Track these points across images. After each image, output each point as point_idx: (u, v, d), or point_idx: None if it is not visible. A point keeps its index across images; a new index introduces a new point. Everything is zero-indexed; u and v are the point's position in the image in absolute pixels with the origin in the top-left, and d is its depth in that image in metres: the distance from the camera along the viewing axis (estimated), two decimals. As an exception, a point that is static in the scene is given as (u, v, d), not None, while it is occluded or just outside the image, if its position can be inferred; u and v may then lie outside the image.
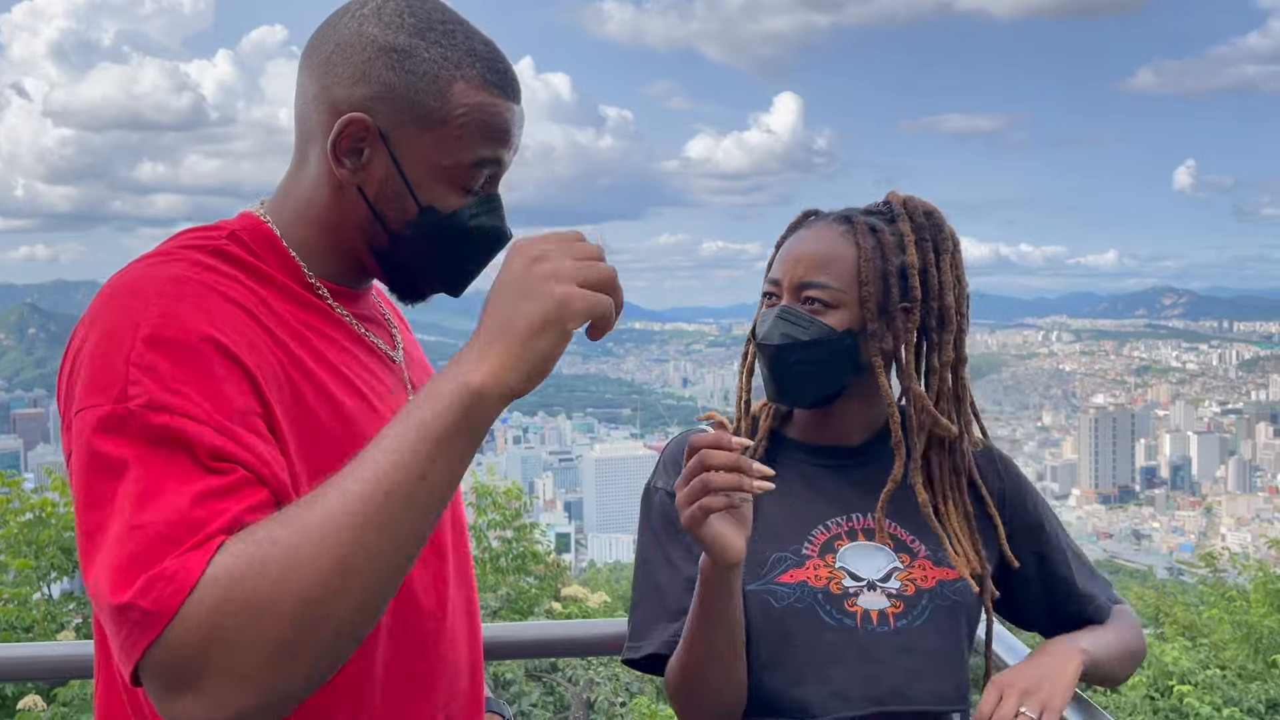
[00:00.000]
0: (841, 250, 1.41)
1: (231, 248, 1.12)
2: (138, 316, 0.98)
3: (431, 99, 1.10)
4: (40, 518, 8.74)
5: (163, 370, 0.96)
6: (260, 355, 1.04)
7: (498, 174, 1.18)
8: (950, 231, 1.45)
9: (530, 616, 8.76)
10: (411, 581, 1.17)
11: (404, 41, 1.11)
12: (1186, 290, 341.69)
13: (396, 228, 1.15)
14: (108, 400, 0.95)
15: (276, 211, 1.18)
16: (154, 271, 1.04)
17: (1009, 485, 1.54)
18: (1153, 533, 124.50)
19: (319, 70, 1.14)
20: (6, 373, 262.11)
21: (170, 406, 0.94)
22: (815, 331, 1.39)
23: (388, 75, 1.10)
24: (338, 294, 1.20)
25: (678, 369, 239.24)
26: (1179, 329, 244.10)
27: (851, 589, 1.37)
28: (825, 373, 1.42)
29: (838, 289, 1.40)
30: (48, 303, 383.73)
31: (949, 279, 1.42)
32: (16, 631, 7.74)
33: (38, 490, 9.35)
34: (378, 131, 1.11)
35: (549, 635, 2.04)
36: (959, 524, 1.43)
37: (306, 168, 1.17)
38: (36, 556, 8.42)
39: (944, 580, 1.41)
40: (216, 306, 1.03)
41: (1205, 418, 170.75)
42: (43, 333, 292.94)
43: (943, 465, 1.45)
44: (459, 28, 1.14)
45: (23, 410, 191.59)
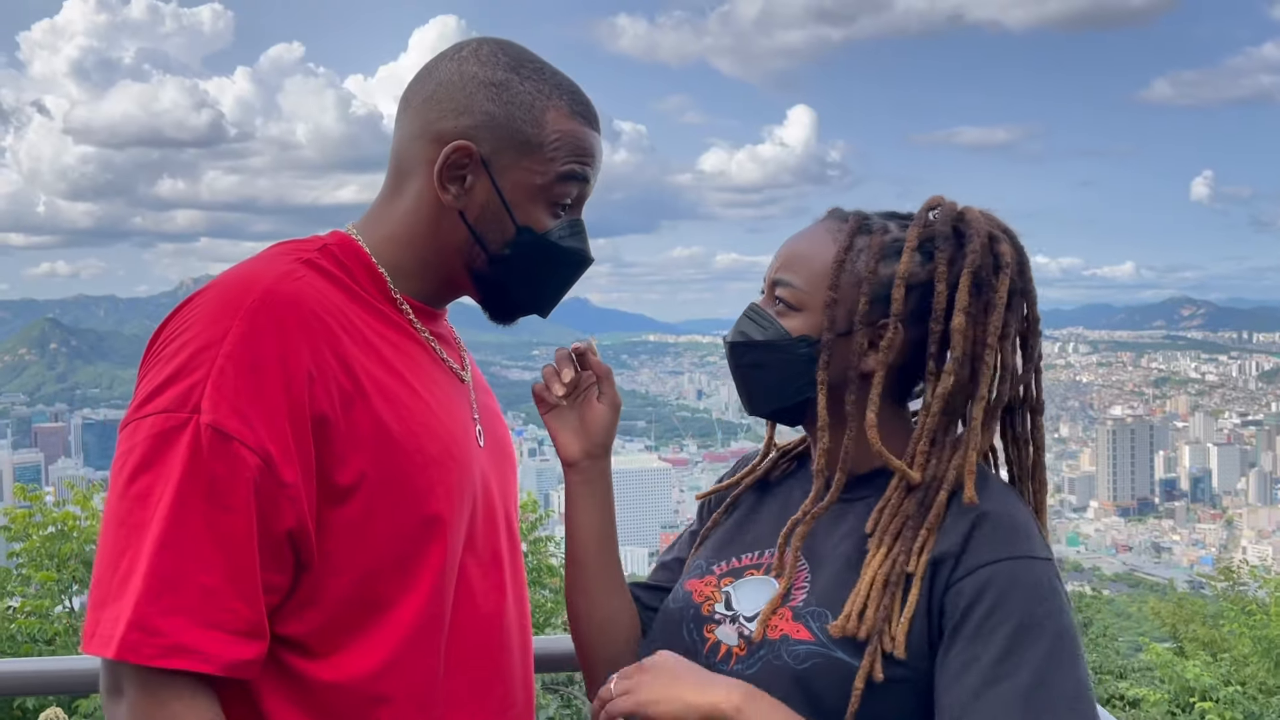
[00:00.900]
0: (820, 249, 1.26)
1: (323, 260, 1.21)
2: (226, 327, 1.07)
3: (529, 126, 1.21)
4: (62, 531, 8.84)
5: (236, 391, 1.05)
6: (331, 373, 1.11)
7: (584, 197, 1.28)
8: (1005, 254, 1.22)
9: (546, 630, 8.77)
10: (473, 587, 1.23)
11: (501, 76, 1.22)
12: (1205, 301, 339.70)
13: (495, 248, 1.24)
14: (184, 409, 1.04)
15: (367, 233, 1.26)
16: (248, 282, 1.12)
17: (968, 560, 1.14)
18: (1173, 545, 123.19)
19: (421, 108, 1.24)
20: (28, 387, 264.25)
21: (231, 432, 1.04)
22: (771, 333, 1.26)
23: (489, 106, 1.21)
24: (419, 311, 1.28)
25: (692, 381, 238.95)
26: (1198, 340, 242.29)
27: (718, 616, 1.27)
28: (780, 381, 1.27)
29: (803, 290, 1.25)
30: (69, 318, 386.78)
31: (967, 301, 1.20)
32: (38, 644, 7.81)
33: (59, 504, 9.46)
34: (480, 157, 1.21)
35: (566, 649, 1.97)
36: (875, 579, 1.16)
37: (402, 197, 1.26)
38: (58, 569, 8.51)
39: (788, 637, 1.19)
40: (299, 324, 1.11)
41: (1225, 429, 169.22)
42: (64, 348, 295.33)
43: (896, 509, 1.20)
44: (546, 66, 1.26)
45: (44, 424, 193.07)
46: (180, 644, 1.01)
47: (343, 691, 1.13)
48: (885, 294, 1.23)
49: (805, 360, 1.24)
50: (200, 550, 1.03)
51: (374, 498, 1.13)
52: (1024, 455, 1.29)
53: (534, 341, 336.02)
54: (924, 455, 1.21)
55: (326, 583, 1.13)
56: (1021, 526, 1.17)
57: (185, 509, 1.02)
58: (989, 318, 1.21)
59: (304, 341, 1.10)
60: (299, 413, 1.08)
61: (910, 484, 1.20)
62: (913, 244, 1.23)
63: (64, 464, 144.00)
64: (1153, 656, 8.47)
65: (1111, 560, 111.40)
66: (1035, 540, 1.16)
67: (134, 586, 1.01)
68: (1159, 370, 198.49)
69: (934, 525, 1.17)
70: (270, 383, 1.06)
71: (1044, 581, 1.12)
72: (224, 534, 1.03)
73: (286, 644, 1.12)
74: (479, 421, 1.33)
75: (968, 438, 1.21)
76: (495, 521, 1.30)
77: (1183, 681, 6.70)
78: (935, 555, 1.15)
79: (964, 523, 1.16)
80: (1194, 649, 9.19)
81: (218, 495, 1.03)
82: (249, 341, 1.07)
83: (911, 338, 1.23)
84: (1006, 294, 1.21)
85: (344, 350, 1.14)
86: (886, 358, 1.22)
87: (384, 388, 1.16)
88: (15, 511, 8.81)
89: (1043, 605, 1.10)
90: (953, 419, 1.24)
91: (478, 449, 1.29)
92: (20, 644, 7.79)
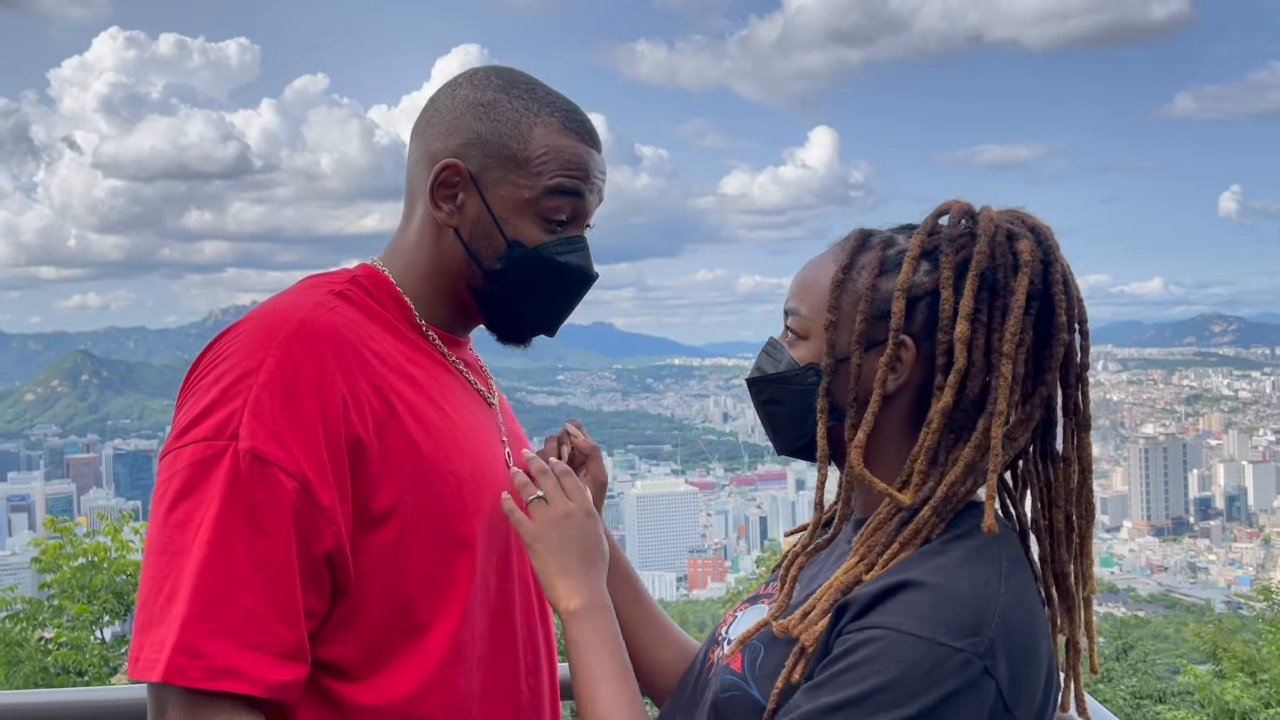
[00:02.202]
0: (823, 272, 1.18)
1: (353, 292, 1.25)
2: (262, 357, 1.11)
3: (515, 141, 1.23)
4: (93, 562, 8.92)
5: (273, 416, 1.07)
6: (364, 399, 1.14)
7: (581, 213, 1.28)
8: (1024, 251, 1.10)
9: (574, 657, 8.70)
10: (507, 609, 1.27)
11: (490, 97, 1.25)
12: (1236, 317, 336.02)
13: (489, 264, 1.25)
14: (223, 436, 1.06)
15: (390, 263, 1.31)
16: (284, 313, 1.16)
17: (870, 616, 1.02)
18: (1209, 565, 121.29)
19: (420, 134, 1.29)
20: (60, 418, 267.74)
21: (270, 457, 1.06)
22: (782, 365, 1.19)
23: (476, 125, 1.24)
24: (444, 339, 1.32)
25: (718, 404, 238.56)
26: (1230, 356, 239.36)
27: (720, 638, 1.26)
28: (795, 415, 1.19)
29: (807, 317, 1.18)
30: (100, 349, 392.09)
31: (971, 306, 1.09)
32: (71, 676, 7.87)
33: (90, 535, 9.54)
34: (469, 174, 1.24)
35: None
36: (834, 585, 1.08)
37: (413, 222, 1.30)
38: (90, 600, 8.59)
39: (728, 665, 1.15)
40: (333, 353, 1.14)
41: (1260, 446, 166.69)
42: (95, 379, 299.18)
43: (883, 524, 1.11)
44: (540, 87, 1.29)
45: (76, 455, 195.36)
46: (225, 666, 1.02)
47: (382, 714, 1.15)
48: (887, 310, 1.13)
49: (814, 390, 1.16)
50: (241, 573, 1.04)
51: (408, 520, 1.15)
52: (1067, 475, 1.15)
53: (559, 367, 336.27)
54: (921, 475, 1.10)
55: (363, 607, 1.14)
56: (946, 605, 1.00)
57: (226, 533, 1.04)
58: (1005, 323, 1.09)
59: (338, 369, 1.13)
60: (335, 438, 1.10)
61: (900, 507, 1.10)
62: (914, 252, 1.13)
63: (95, 494, 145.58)
64: (1191, 679, 8.32)
65: (1147, 581, 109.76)
66: (953, 623, 0.98)
67: (177, 610, 1.03)
68: (1191, 387, 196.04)
69: (907, 541, 1.07)
70: (306, 409, 1.09)
71: (924, 669, 0.96)
72: (264, 557, 1.05)
73: (325, 668, 1.13)
74: (507, 444, 1.36)
75: (972, 456, 1.09)
76: (523, 548, 1.30)
77: (1222, 704, 6.57)
78: (847, 599, 1.05)
79: (888, 581, 1.03)
80: (1232, 670, 9.02)
81: (257, 519, 1.05)
82: (284, 370, 1.09)
83: (926, 353, 1.12)
84: (1025, 296, 1.09)
85: (377, 377, 1.17)
86: (887, 376, 1.12)
87: (417, 411, 1.19)
88: (47, 543, 8.90)
89: (904, 690, 0.96)
90: (962, 436, 1.11)
91: (507, 472, 1.31)
92: (54, 675, 7.85)
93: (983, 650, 0.97)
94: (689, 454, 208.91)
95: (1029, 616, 1.03)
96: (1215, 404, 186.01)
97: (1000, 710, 0.97)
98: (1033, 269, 1.10)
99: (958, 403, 1.10)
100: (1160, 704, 9.86)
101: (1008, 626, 1.00)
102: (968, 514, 1.10)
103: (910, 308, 1.12)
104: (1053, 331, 1.11)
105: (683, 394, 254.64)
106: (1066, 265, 1.13)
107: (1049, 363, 1.12)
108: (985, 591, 1.02)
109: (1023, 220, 1.14)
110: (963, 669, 0.96)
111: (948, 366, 1.10)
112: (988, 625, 0.99)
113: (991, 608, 1.00)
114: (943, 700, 0.95)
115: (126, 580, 8.53)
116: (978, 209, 1.15)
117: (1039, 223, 1.14)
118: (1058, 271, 1.12)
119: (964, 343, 1.09)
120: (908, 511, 1.10)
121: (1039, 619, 1.06)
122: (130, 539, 8.92)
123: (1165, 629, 19.37)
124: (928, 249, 1.14)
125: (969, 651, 0.97)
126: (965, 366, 1.09)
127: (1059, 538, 1.15)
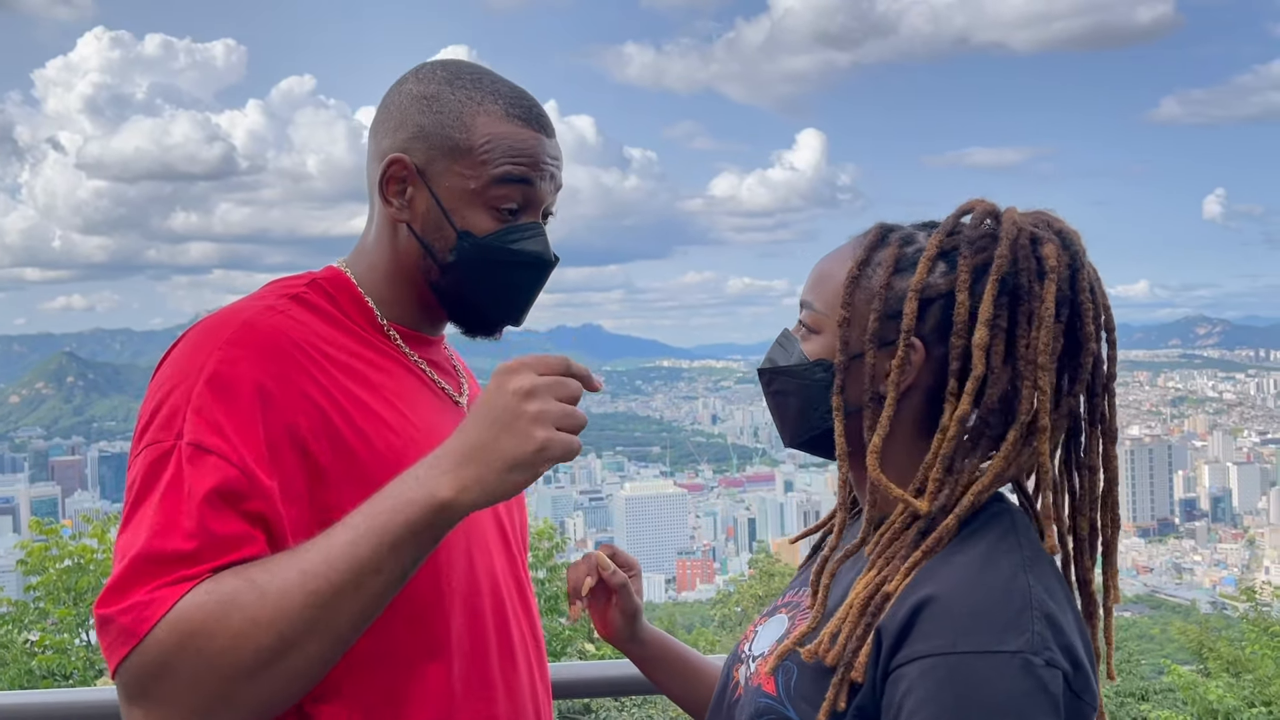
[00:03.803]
0: (840, 266, 1.16)
1: (310, 295, 1.25)
2: (206, 357, 1.12)
3: (458, 131, 1.23)
4: (79, 564, 8.88)
5: (213, 411, 1.09)
6: (306, 400, 1.14)
7: (533, 200, 1.27)
8: (1049, 256, 1.06)
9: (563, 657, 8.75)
10: (470, 604, 1.24)
11: (434, 89, 1.26)
12: (1221, 319, 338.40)
13: (442, 256, 1.25)
14: (170, 436, 1.08)
15: (354, 264, 1.32)
16: (233, 316, 1.18)
17: (910, 646, 0.98)
18: (1194, 566, 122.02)
19: (374, 131, 1.30)
20: (45, 421, 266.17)
21: (209, 446, 1.07)
22: (793, 357, 1.18)
23: (419, 118, 1.24)
24: (409, 338, 1.31)
25: (706, 406, 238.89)
26: (1214, 359, 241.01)
27: (742, 655, 1.22)
28: (801, 409, 1.17)
29: (821, 311, 1.16)
30: (85, 351, 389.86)
31: (991, 312, 1.06)
32: (56, 679, 7.84)
33: (75, 537, 9.50)
34: (415, 168, 1.24)
35: (582, 676, 2.02)
36: (855, 602, 1.04)
37: (373, 221, 1.31)
38: (75, 603, 8.55)
39: (760, 688, 1.12)
40: (276, 353, 1.15)
41: (1245, 448, 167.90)
42: (80, 381, 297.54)
43: (899, 532, 1.08)
44: (487, 76, 1.28)
45: (61, 458, 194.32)
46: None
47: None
48: (899, 309, 1.10)
49: (822, 386, 1.14)
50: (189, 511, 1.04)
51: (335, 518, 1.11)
52: (1092, 484, 1.13)
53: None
54: (936, 483, 1.07)
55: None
56: (981, 610, 0.98)
57: (174, 502, 1.05)
58: (1032, 331, 1.06)
59: (280, 369, 1.14)
60: (275, 432, 1.11)
61: (917, 514, 1.07)
62: (931, 252, 1.10)
63: (81, 497, 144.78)
64: (1175, 678, 8.39)
65: (1133, 582, 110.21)
66: (995, 629, 0.96)
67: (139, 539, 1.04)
68: (1176, 389, 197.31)
69: (931, 549, 1.04)
70: (245, 405, 1.10)
71: (993, 683, 0.93)
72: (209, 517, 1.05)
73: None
74: None
75: (1002, 467, 1.07)
76: (493, 541, 1.31)
77: (1205, 704, 6.63)
78: (880, 622, 1.02)
79: (917, 596, 1.00)
80: (1217, 669, 9.10)
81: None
82: (224, 368, 1.11)
83: (937, 356, 1.10)
84: (1054, 304, 1.06)
85: (324, 376, 1.17)
86: (899, 378, 1.09)
87: (367, 411, 1.19)
88: (32, 546, 8.86)
89: (982, 713, 0.93)
90: (979, 444, 1.09)
91: None
92: (39, 678, 7.82)
93: (1037, 646, 0.95)
94: (678, 456, 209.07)
95: (1059, 600, 1.02)
96: (1200, 406, 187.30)
97: (1071, 697, 0.96)
98: (1060, 275, 1.06)
99: (974, 410, 1.08)
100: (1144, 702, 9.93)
101: (1047, 614, 0.98)
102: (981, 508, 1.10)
103: (924, 309, 1.09)
104: (1081, 340, 1.08)
105: (671, 396, 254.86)
106: (1094, 271, 1.10)
107: (1078, 373, 1.09)
108: (1015, 586, 1.00)
109: (1049, 224, 1.10)
110: (1026, 670, 0.94)
111: (961, 372, 1.08)
112: (1030, 620, 0.97)
113: (1027, 601, 0.98)
114: (1024, 706, 0.93)
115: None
116: (1002, 209, 1.11)
117: (1065, 226, 1.11)
118: (1085, 278, 1.08)
119: (983, 349, 1.06)
120: (925, 519, 1.07)
121: (1069, 600, 1.05)
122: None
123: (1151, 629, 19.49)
124: (946, 249, 1.11)
125: (1026, 652, 0.95)
126: (984, 374, 1.06)
127: (1082, 545, 1.14)
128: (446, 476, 1.02)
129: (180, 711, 0.99)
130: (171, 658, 0.98)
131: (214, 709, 1.00)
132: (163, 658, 0.98)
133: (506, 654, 1.28)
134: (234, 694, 0.99)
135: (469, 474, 1.02)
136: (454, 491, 1.01)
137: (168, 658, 0.98)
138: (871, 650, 1.01)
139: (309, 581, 0.99)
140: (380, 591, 1.02)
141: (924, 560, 1.04)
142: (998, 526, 1.06)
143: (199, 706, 0.99)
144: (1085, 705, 0.98)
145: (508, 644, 1.29)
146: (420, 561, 1.04)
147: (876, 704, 1.00)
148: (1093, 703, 0.99)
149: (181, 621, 0.98)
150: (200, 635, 0.98)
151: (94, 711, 1.83)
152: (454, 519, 1.03)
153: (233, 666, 0.98)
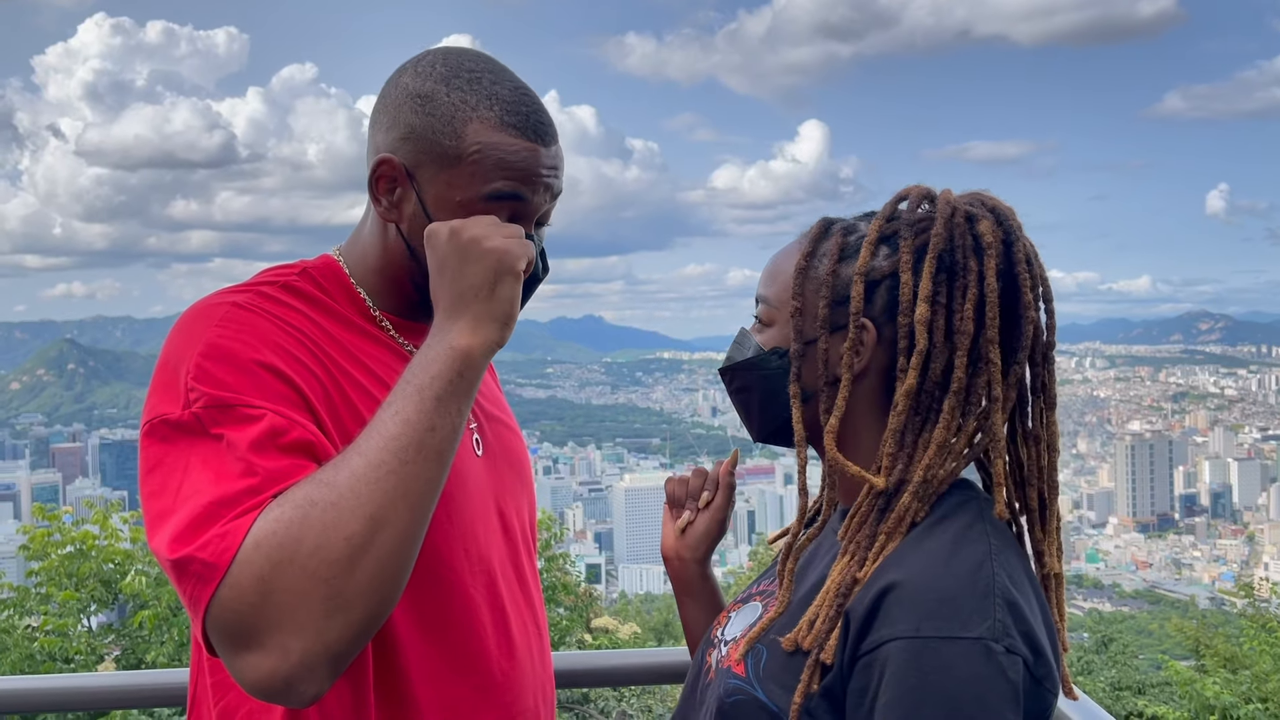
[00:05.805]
0: (788, 260, 1.21)
1: (301, 283, 1.25)
2: (198, 337, 1.12)
3: (447, 138, 1.18)
4: (80, 550, 8.90)
5: (219, 376, 1.08)
6: (306, 378, 1.14)
7: (526, 212, 1.22)
8: (985, 233, 1.10)
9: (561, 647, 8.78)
10: (468, 592, 1.25)
11: (429, 88, 1.20)
12: (1223, 315, 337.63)
13: (426, 261, 1.19)
14: (176, 407, 1.06)
15: (348, 253, 1.31)
16: (221, 300, 1.18)
17: (876, 631, 1.00)
18: (1194, 562, 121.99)
19: (373, 122, 1.26)
20: (46, 407, 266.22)
21: (230, 401, 1.06)
22: (749, 351, 1.21)
23: (411, 118, 1.20)
24: (401, 327, 1.30)
25: (706, 398, 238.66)
26: (1216, 354, 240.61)
27: (715, 639, 1.25)
28: (763, 400, 1.21)
29: (773, 305, 1.20)
30: (86, 338, 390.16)
31: (930, 289, 1.10)
32: (58, 663, 7.87)
33: (78, 523, 9.53)
34: (404, 170, 1.20)
35: (580, 666, 2.03)
36: (831, 588, 1.07)
37: (368, 213, 1.30)
38: (77, 588, 8.58)
39: (730, 670, 1.15)
40: (270, 333, 1.14)
41: (1245, 444, 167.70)
42: (81, 368, 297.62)
43: (866, 515, 1.11)
44: (488, 75, 1.21)
45: (62, 444, 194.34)
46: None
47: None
48: (847, 295, 1.14)
49: (780, 374, 1.18)
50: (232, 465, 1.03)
51: None
52: (1038, 454, 1.16)
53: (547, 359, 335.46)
54: (890, 458, 1.11)
55: None
56: (946, 596, 0.99)
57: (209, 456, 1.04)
58: (965, 306, 1.10)
59: (274, 345, 1.13)
60: (284, 388, 1.11)
61: (876, 490, 1.10)
62: (872, 237, 1.14)
63: (81, 484, 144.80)
64: (1172, 674, 8.41)
65: (1131, 577, 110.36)
66: (959, 615, 0.98)
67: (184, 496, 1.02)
68: (1177, 385, 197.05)
69: (893, 530, 1.08)
70: (249, 367, 1.09)
71: (954, 668, 0.95)
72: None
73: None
74: (476, 431, 1.35)
75: (944, 437, 1.10)
76: (492, 530, 1.31)
77: (1202, 699, 6.65)
78: (848, 606, 1.04)
79: (883, 581, 1.02)
80: (1215, 665, 9.13)
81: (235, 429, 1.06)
82: (222, 338, 1.11)
83: (888, 337, 1.14)
84: (994, 277, 1.10)
85: (319, 351, 1.18)
86: (852, 360, 1.13)
87: (360, 388, 1.19)
88: (34, 531, 8.88)
89: (942, 696, 0.94)
90: (929, 418, 1.12)
91: (473, 457, 1.31)
92: (40, 662, 7.85)
93: (998, 633, 0.97)
94: (678, 448, 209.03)
95: (1023, 588, 1.03)
96: (1201, 401, 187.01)
97: (1032, 683, 0.98)
98: (996, 250, 1.10)
99: (921, 384, 1.11)
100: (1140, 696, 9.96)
101: (1009, 601, 0.99)
102: (949, 494, 1.11)
103: (870, 291, 1.13)
104: (1020, 311, 1.11)
105: (672, 387, 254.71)
106: (1029, 244, 1.13)
107: (1019, 343, 1.12)
108: (980, 573, 1.01)
109: (983, 202, 1.14)
110: (987, 656, 0.96)
111: (910, 349, 1.11)
112: (992, 607, 0.98)
113: (990, 588, 1.00)
114: (983, 690, 0.95)
115: (114, 569, 8.55)
116: (938, 192, 1.15)
117: (1000, 204, 1.14)
118: (1020, 251, 1.11)
119: (924, 325, 1.09)
120: (886, 499, 1.10)
121: (1034, 588, 1.07)
122: (119, 528, 8.92)
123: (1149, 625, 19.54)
124: (886, 234, 1.14)
125: (987, 638, 0.96)
126: (926, 348, 1.09)
127: (1033, 516, 1.16)
128: (451, 331, 1.08)
129: (295, 634, 0.95)
130: (265, 574, 0.94)
131: (329, 618, 0.96)
132: (256, 578, 0.94)
133: (503, 641, 1.28)
134: (340, 594, 0.96)
135: (465, 318, 1.08)
136: (465, 336, 1.07)
137: (261, 575, 0.94)
138: (840, 634, 1.03)
139: (373, 458, 1.00)
140: (440, 448, 1.03)
141: (889, 544, 1.07)
142: (965, 514, 1.09)
143: (310, 622, 0.95)
144: (1046, 691, 1.00)
145: (504, 631, 1.28)
146: (465, 414, 1.06)
147: (844, 687, 1.02)
148: (1054, 689, 1.01)
149: (265, 535, 0.96)
150: (288, 542, 0.95)
151: (95, 696, 1.84)
152: (479, 362, 1.07)
153: (329, 564, 0.95)
